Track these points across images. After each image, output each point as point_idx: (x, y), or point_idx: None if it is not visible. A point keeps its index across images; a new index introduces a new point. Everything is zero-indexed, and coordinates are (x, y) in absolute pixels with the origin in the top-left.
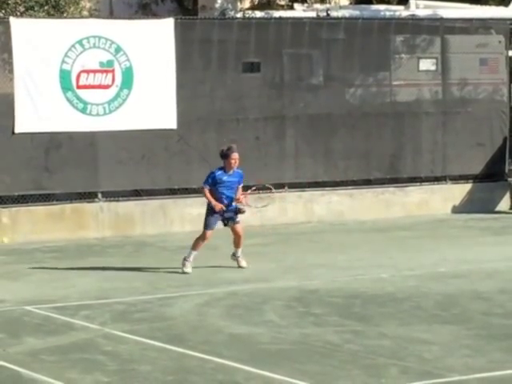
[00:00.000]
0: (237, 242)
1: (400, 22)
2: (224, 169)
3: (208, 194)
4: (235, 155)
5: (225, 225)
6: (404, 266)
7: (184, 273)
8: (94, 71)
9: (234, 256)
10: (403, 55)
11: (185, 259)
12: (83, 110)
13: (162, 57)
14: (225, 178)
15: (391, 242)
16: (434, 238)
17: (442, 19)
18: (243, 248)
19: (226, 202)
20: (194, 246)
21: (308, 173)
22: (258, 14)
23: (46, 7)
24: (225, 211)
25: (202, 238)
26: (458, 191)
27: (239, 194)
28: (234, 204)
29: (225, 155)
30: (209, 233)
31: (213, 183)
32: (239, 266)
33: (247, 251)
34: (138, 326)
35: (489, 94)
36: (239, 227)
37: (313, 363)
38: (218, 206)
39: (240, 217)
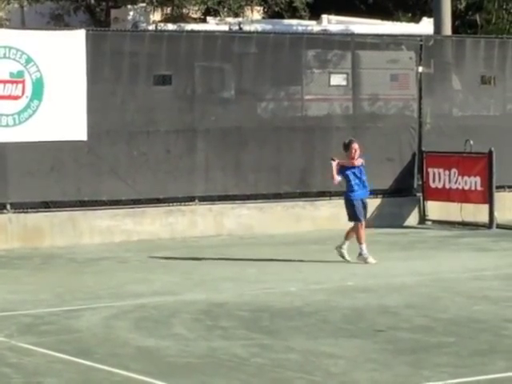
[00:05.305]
0: (358, 238)
1: (312, 37)
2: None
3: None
4: (355, 145)
5: None
6: (312, 280)
7: (346, 260)
8: (4, 82)
9: (361, 255)
10: (315, 70)
11: (340, 247)
12: None
13: (73, 68)
14: (349, 171)
15: (300, 256)
16: None
17: (353, 35)
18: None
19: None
20: (347, 236)
21: (218, 186)
22: (171, 26)
23: None
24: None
25: (356, 230)
26: (368, 206)
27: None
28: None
29: (346, 146)
30: (362, 223)
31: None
32: (366, 262)
33: (155, 263)
34: (45, 339)
35: (399, 109)
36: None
37: (220, 376)
38: (336, 179)
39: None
